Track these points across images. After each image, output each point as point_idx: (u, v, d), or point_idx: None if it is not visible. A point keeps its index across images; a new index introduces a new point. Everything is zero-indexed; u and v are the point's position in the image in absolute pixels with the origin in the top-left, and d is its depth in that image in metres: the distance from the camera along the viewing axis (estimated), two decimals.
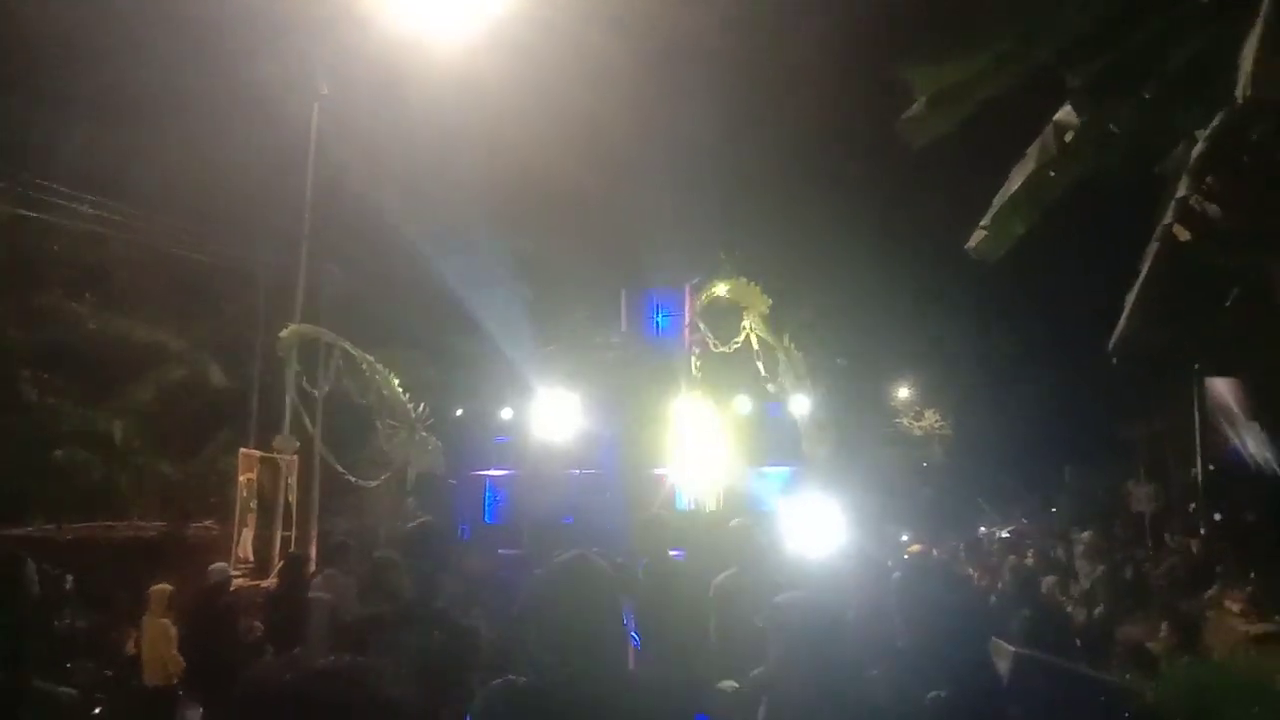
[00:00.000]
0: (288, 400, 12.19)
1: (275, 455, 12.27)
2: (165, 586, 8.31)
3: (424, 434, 12.18)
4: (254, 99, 13.65)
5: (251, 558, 11.47)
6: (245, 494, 11.54)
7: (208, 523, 13.59)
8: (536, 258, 20.09)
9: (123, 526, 13.32)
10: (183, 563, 11.43)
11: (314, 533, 12.94)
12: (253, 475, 11.79)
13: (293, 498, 12.19)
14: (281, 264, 14.34)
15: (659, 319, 13.24)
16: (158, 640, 7.95)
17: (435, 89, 14.28)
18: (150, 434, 14.72)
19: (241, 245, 15.12)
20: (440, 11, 12.08)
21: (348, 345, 11.76)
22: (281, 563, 11.42)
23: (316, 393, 11.98)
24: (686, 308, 12.61)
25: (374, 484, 12.84)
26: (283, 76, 13.24)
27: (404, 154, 15.39)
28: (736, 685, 3.51)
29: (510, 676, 2.38)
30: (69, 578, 10.13)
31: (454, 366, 15.75)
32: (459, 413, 12.52)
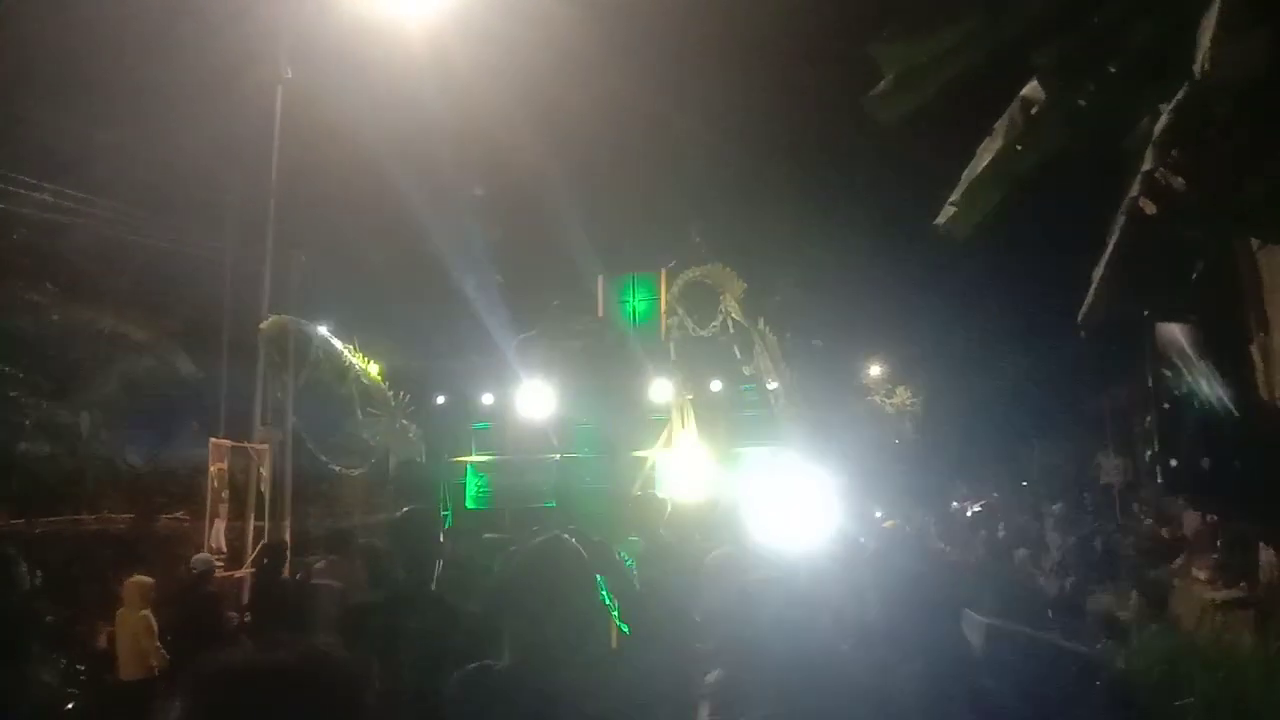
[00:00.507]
0: (260, 390, 12.08)
1: (246, 445, 12.18)
2: (144, 578, 8.19)
3: (404, 422, 12.18)
4: (216, 83, 13.42)
5: (224, 548, 11.39)
6: (216, 484, 11.45)
7: (179, 514, 13.45)
8: (508, 243, 19.98)
9: (91, 520, 13.15)
10: (153, 555, 11.33)
11: (288, 522, 12.85)
12: (224, 465, 11.68)
13: (265, 487, 12.10)
14: (248, 251, 14.17)
15: (635, 304, 13.23)
16: (138, 633, 7.84)
17: (402, 71, 14.11)
18: (118, 425, 14.52)
19: (207, 232, 14.92)
20: None
21: (327, 334, 11.73)
22: (256, 551, 11.37)
23: (293, 382, 11.91)
24: (662, 292, 12.65)
25: (356, 472, 12.79)
26: (245, 60, 13.02)
27: (371, 138, 15.21)
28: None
29: (487, 660, 2.37)
30: (37, 572, 9.97)
31: (431, 353, 15.67)
32: (440, 400, 12.49)
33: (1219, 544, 7.50)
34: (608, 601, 4.77)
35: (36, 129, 13.12)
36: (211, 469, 11.44)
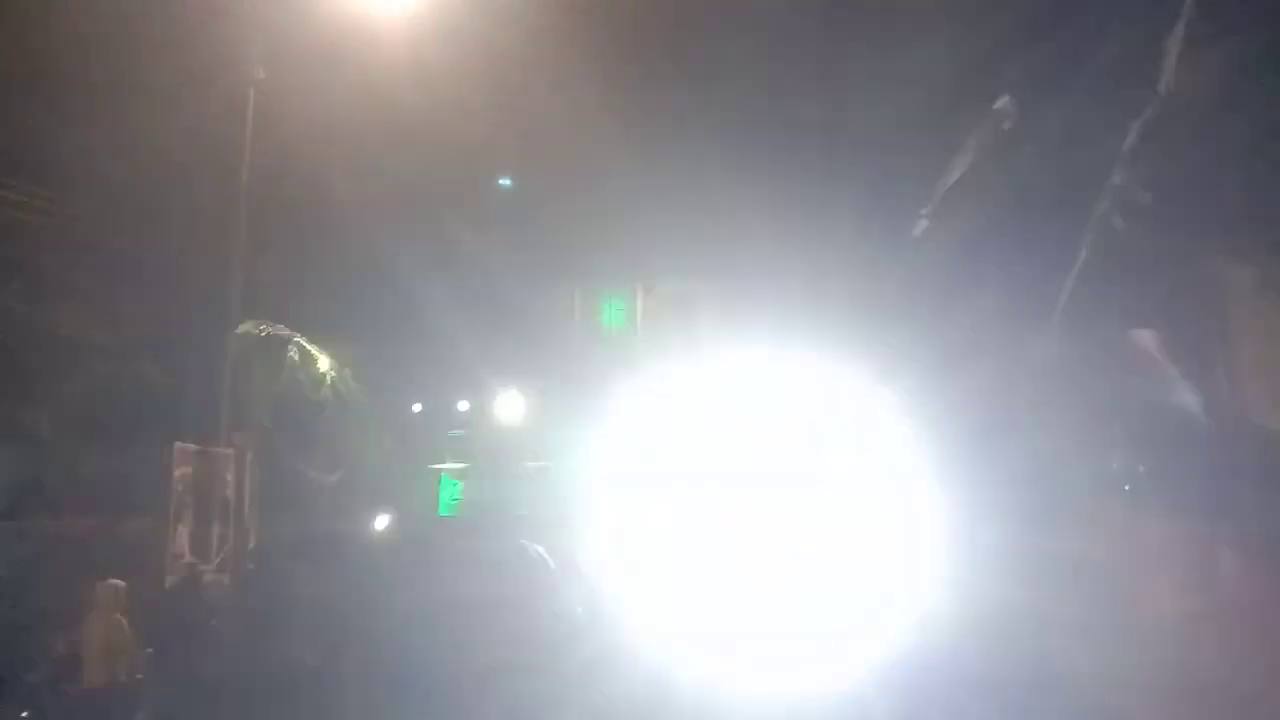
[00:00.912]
0: (226, 395, 11.97)
1: (211, 449, 12.07)
2: (117, 582, 8.07)
3: (379, 429, 12.19)
4: (188, 83, 13.28)
5: (188, 554, 11.25)
6: (181, 489, 11.32)
7: (141, 519, 13.23)
8: (482, 249, 19.88)
9: (52, 524, 12.90)
10: (116, 560, 11.13)
11: (253, 528, 12.73)
12: (188, 470, 11.56)
13: (230, 493, 11.98)
14: (216, 254, 14.03)
15: (611, 316, 13.36)
16: (110, 638, 7.69)
17: (377, 73, 14.05)
18: (80, 429, 14.26)
19: (174, 234, 14.73)
20: None
21: (303, 340, 11.75)
22: (221, 556, 11.21)
23: (261, 388, 11.85)
24: (639, 305, 12.79)
25: (332, 479, 12.74)
26: (218, 60, 12.90)
27: (344, 141, 15.10)
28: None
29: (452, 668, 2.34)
30: None
31: (406, 360, 15.58)
32: (417, 409, 12.51)
33: (1185, 555, 7.60)
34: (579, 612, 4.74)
35: (0, 126, 12.91)
36: (176, 473, 11.32)
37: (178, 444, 11.76)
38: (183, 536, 11.26)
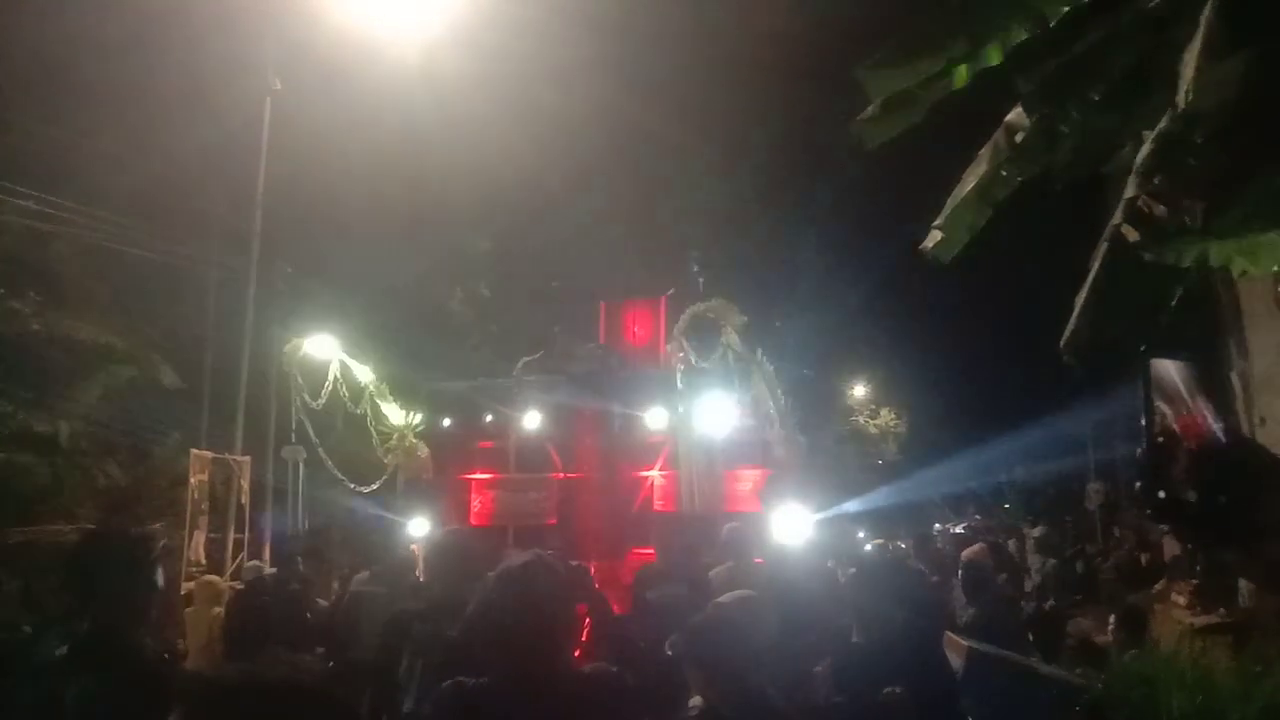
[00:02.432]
0: (242, 403, 12.07)
1: (227, 456, 12.17)
2: (214, 578, 8.72)
3: (413, 440, 12.38)
4: (205, 93, 13.40)
5: (204, 560, 11.32)
6: (196, 496, 11.39)
7: (157, 525, 13.31)
8: (499, 261, 20.01)
9: (69, 530, 12.98)
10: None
11: (267, 535, 12.85)
12: (204, 477, 11.62)
13: (245, 500, 12.07)
14: (233, 263, 14.14)
15: (635, 329, 13.67)
16: (213, 630, 7.88)
17: (393, 85, 14.14)
18: (98, 436, 14.37)
19: (192, 243, 14.84)
20: (398, 5, 11.99)
21: (344, 357, 11.96)
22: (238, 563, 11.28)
23: (312, 401, 12.07)
24: (662, 318, 13.05)
25: (370, 489, 12.91)
26: (235, 70, 13.02)
27: (360, 152, 15.19)
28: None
29: (460, 678, 2.35)
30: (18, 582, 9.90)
31: (432, 370, 15.71)
32: (446, 423, 12.77)
33: (1198, 569, 7.52)
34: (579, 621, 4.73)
35: (21, 136, 13.04)
36: (191, 480, 11.38)
37: (193, 451, 11.82)
38: (198, 543, 11.31)
